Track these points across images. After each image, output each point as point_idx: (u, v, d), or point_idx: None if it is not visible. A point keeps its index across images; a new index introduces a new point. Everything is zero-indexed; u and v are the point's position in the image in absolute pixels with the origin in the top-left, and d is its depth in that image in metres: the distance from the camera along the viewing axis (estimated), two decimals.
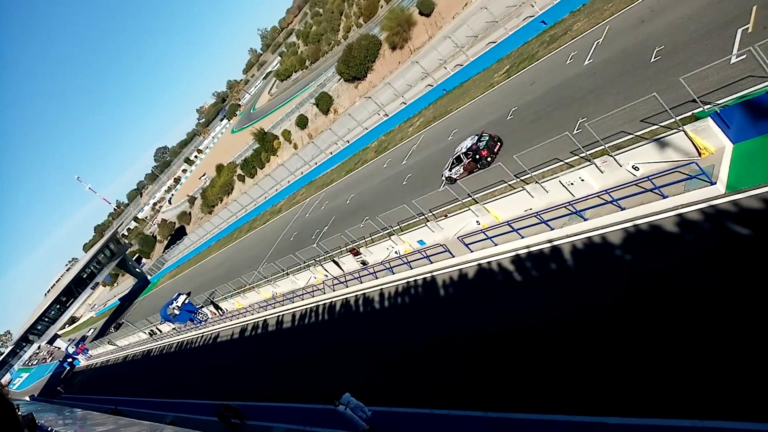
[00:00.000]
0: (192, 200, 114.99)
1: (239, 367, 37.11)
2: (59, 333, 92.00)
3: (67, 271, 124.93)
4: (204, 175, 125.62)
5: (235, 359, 39.51)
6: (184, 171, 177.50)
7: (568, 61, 29.47)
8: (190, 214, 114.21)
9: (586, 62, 27.60)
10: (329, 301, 33.13)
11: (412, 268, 27.21)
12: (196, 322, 52.51)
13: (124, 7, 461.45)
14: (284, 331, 35.94)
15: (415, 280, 26.49)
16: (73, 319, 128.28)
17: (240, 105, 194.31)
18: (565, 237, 19.46)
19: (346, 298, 31.43)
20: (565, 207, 19.70)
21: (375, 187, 41.35)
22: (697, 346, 12.40)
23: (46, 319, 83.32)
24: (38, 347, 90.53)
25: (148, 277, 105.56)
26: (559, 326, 16.39)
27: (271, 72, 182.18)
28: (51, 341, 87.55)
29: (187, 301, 55.35)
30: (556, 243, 19.71)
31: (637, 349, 13.60)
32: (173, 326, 57.07)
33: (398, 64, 58.55)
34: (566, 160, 21.76)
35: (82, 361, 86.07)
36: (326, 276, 34.85)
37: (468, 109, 37.69)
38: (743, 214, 14.26)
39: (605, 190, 18.22)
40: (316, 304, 34.39)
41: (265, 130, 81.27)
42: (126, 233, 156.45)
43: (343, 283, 32.61)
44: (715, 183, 15.31)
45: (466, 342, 19.62)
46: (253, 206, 78.89)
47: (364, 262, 31.44)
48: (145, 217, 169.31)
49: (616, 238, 17.34)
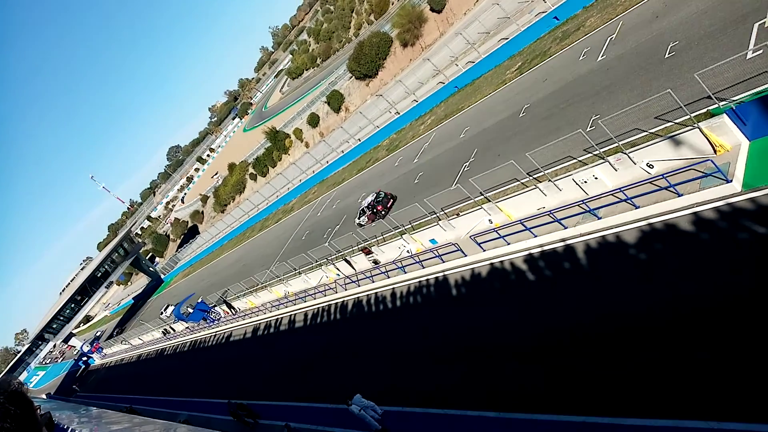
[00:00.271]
0: (204, 199, 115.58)
1: (252, 365, 37.24)
2: (74, 332, 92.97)
3: (82, 269, 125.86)
4: (216, 174, 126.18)
5: (247, 358, 39.65)
6: (197, 170, 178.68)
7: (581, 58, 29.23)
8: (202, 213, 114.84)
9: (599, 58, 27.34)
10: (341, 300, 33.13)
11: (424, 267, 27.10)
12: (209, 321, 52.80)
13: (137, 7, 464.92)
14: (297, 330, 36.00)
15: (427, 280, 26.36)
16: (87, 318, 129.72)
17: (252, 103, 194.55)
18: (579, 236, 19.26)
19: (358, 298, 31.41)
20: (578, 205, 19.47)
21: (386, 185, 41.25)
22: (714, 346, 12.23)
23: (62, 318, 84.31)
24: (53, 346, 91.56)
25: (162, 276, 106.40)
26: (574, 326, 16.24)
27: (282, 70, 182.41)
28: (66, 340, 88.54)
29: (173, 310, 60.02)
30: (569, 242, 19.51)
31: (652, 349, 13.44)
32: (186, 325, 57.43)
33: (409, 62, 58.46)
34: (579, 158, 21.59)
35: (97, 360, 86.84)
36: (338, 275, 34.86)
37: (480, 106, 37.53)
38: (760, 212, 14.02)
39: (619, 188, 17.98)
40: (328, 304, 34.40)
41: (277, 129, 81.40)
42: (139, 232, 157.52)
43: (355, 282, 32.60)
44: (731, 181, 15.05)
45: (482, 341, 19.51)
46: (265, 205, 79.11)
47: (376, 261, 31.40)
48: (158, 216, 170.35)
49: (631, 237, 17.13)
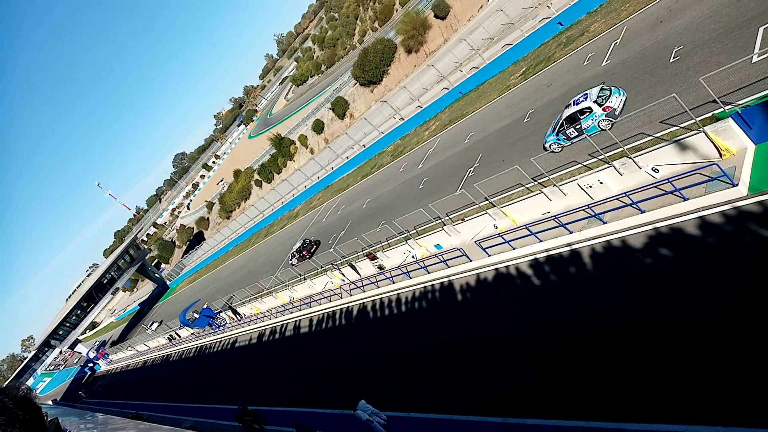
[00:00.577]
0: (210, 206, 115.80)
1: (257, 371, 37.23)
2: (80, 338, 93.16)
3: (88, 276, 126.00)
4: (222, 181, 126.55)
5: (253, 364, 39.65)
6: (202, 177, 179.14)
7: (586, 63, 29.23)
8: (208, 219, 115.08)
9: (604, 63, 27.34)
10: (346, 305, 33.12)
11: (429, 273, 27.09)
12: (214, 327, 52.82)
13: (142, 15, 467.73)
14: (302, 336, 35.99)
15: (432, 285, 26.34)
16: (93, 324, 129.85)
17: (257, 110, 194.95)
18: (584, 240, 19.23)
19: (363, 303, 31.38)
20: (583, 210, 19.43)
21: (391, 191, 41.32)
22: (722, 350, 12.15)
23: (68, 324, 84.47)
24: (59, 352, 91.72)
25: (167, 283, 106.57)
26: (579, 331, 16.17)
27: (287, 77, 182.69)
28: (72, 346, 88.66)
29: (156, 326, 65.02)
30: (575, 247, 19.47)
31: (658, 354, 13.37)
32: (192, 331, 57.46)
33: (414, 68, 58.55)
34: (584, 163, 21.57)
35: (103, 366, 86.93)
36: (343, 280, 34.85)
37: (484, 112, 37.54)
38: (766, 216, 13.96)
39: (624, 193, 17.95)
40: (333, 309, 34.40)
41: (282, 135, 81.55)
42: (145, 239, 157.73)
43: (360, 287, 32.59)
44: (737, 185, 15.01)
45: (488, 346, 19.46)
46: (270, 211, 79.20)
47: (381, 267, 31.38)
48: (164, 223, 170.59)
49: (637, 242, 17.08)
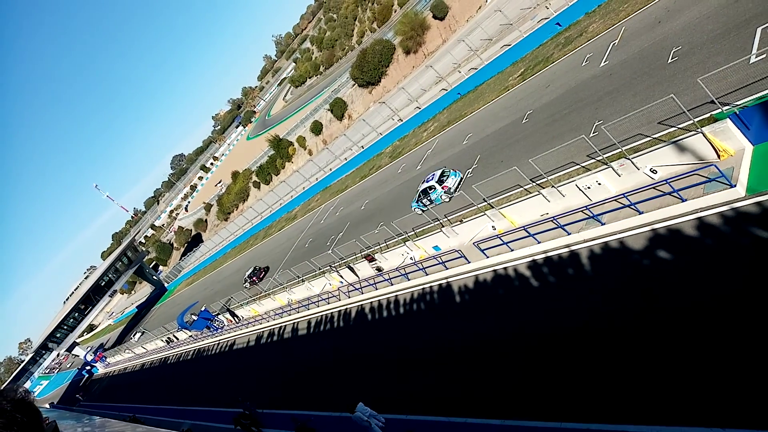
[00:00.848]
0: (208, 207, 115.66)
1: (254, 374, 37.12)
2: (78, 341, 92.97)
3: (86, 278, 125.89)
4: (220, 183, 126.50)
5: (250, 366, 39.52)
6: (200, 178, 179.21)
7: (584, 63, 29.19)
8: (206, 221, 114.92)
9: (602, 64, 27.29)
10: (344, 307, 33.03)
11: (427, 274, 27.01)
12: (212, 330, 52.68)
13: (140, 16, 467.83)
14: (300, 338, 35.87)
15: (431, 286, 26.26)
16: (91, 327, 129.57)
17: (255, 112, 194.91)
18: (583, 242, 19.16)
19: (361, 305, 31.29)
20: (582, 211, 19.36)
21: (390, 192, 41.25)
22: (719, 352, 12.09)
23: (65, 327, 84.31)
24: (57, 355, 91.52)
25: (165, 285, 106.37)
26: (577, 333, 16.11)
27: (285, 78, 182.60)
28: (69, 349, 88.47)
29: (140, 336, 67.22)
30: (573, 248, 19.41)
31: (657, 355, 13.30)
32: (189, 334, 57.32)
33: (412, 69, 58.55)
34: (583, 164, 21.53)
35: (100, 369, 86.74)
36: (341, 282, 34.76)
37: (482, 113, 37.49)
38: (764, 217, 13.89)
39: (623, 194, 17.89)
40: (331, 311, 34.30)
41: (280, 137, 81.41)
42: (143, 241, 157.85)
43: (358, 289, 32.50)
44: (735, 185, 14.95)
45: (487, 347, 19.39)
46: (268, 213, 79.11)
47: (379, 269, 31.30)
48: (162, 225, 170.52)
49: (635, 243, 17.02)
